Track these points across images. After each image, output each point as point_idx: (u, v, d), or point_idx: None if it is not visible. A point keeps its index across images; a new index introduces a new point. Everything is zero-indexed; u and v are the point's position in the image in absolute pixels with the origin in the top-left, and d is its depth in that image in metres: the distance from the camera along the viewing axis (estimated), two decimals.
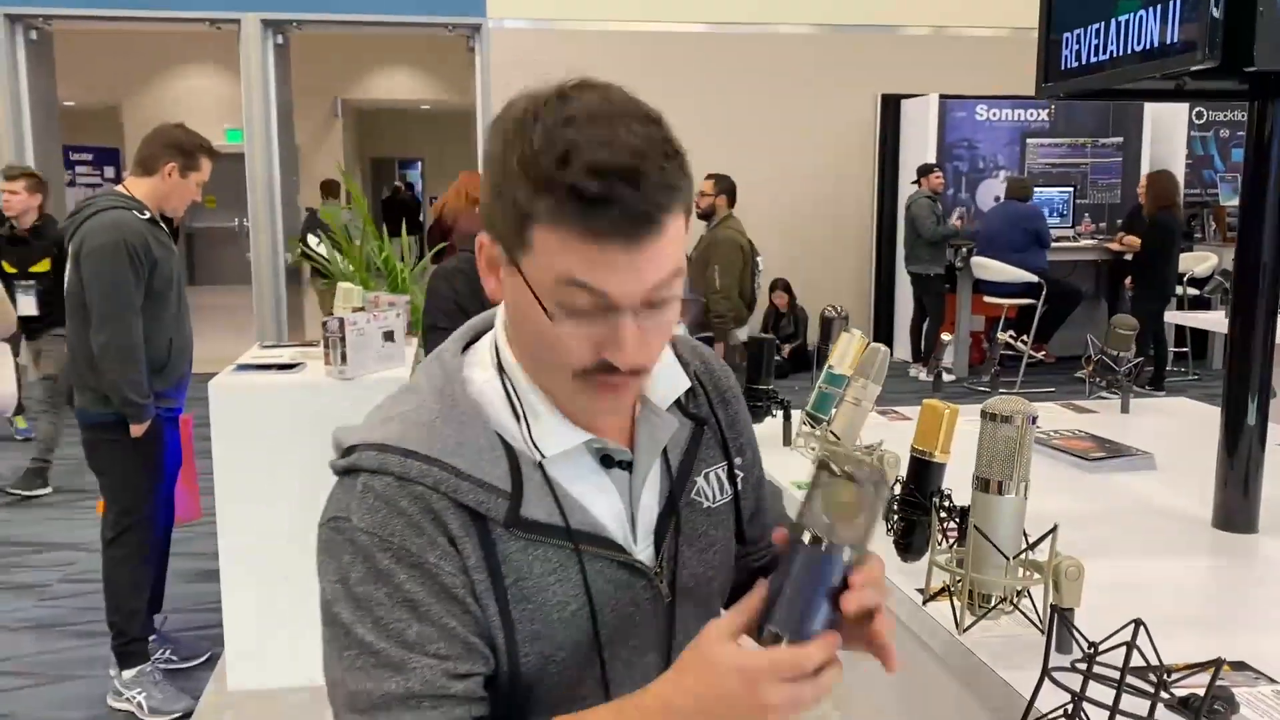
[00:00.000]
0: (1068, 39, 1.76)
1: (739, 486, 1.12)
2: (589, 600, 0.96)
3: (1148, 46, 1.59)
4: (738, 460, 1.12)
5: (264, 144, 8.61)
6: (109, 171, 13.15)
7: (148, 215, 3.17)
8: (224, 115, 12.37)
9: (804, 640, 0.85)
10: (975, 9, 9.18)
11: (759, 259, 7.03)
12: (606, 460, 1.01)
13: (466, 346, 1.03)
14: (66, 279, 3.15)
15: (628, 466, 1.01)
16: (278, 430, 3.28)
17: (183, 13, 8.57)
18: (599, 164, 0.83)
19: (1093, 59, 1.72)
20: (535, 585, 0.95)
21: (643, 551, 1.01)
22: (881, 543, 1.59)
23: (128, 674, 3.25)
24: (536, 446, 0.95)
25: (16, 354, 4.98)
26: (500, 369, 0.99)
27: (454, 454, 0.93)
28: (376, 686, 0.89)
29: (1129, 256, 8.15)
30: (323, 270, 4.53)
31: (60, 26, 8.90)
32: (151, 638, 3.42)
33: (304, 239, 7.36)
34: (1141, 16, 1.60)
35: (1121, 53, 1.65)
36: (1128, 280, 7.95)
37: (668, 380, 1.04)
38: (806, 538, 0.88)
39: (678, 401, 1.07)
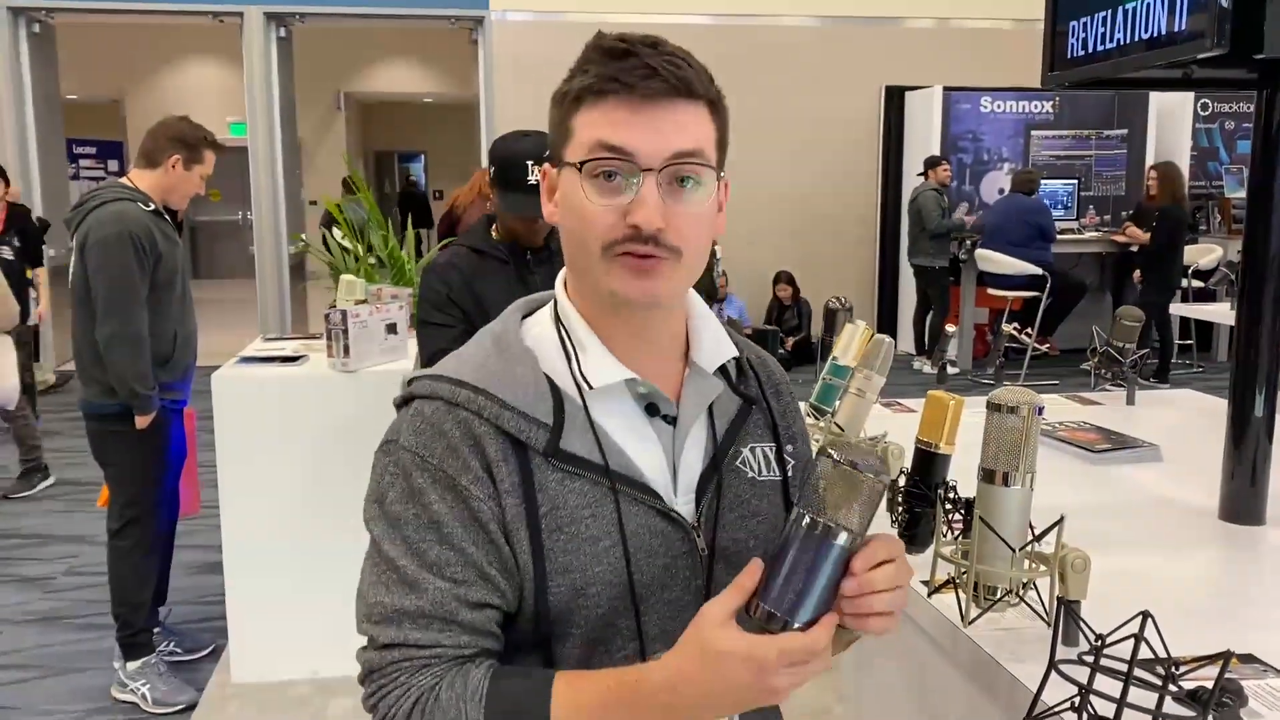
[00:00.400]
0: (1074, 27, 1.75)
1: (789, 472, 1.12)
2: (623, 540, 0.98)
3: (1155, 35, 1.57)
4: (789, 447, 1.13)
5: (267, 137, 8.60)
6: (112, 165, 13.15)
7: (152, 207, 3.18)
8: (227, 108, 12.36)
9: (795, 618, 0.88)
10: (979, 1, 9.14)
11: (717, 249, 6.96)
12: (651, 410, 1.03)
13: (531, 314, 1.09)
14: (71, 271, 3.15)
15: (672, 421, 1.04)
16: (281, 423, 3.28)
17: (185, 6, 8.56)
18: (625, 35, 0.98)
19: (1099, 48, 1.71)
20: (569, 516, 0.97)
21: (682, 505, 1.03)
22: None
23: (132, 665, 3.25)
24: (585, 377, 1.00)
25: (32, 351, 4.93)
26: (557, 320, 1.04)
27: (501, 387, 0.98)
28: (392, 600, 0.95)
29: (1135, 249, 8.13)
30: (333, 266, 4.53)
31: (63, 20, 8.89)
32: (155, 630, 3.42)
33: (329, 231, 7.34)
34: (1149, 5, 1.58)
35: (1128, 41, 1.64)
36: (1136, 273, 7.93)
37: (714, 345, 1.07)
38: (805, 520, 0.90)
39: (729, 381, 1.10)
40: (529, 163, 2.44)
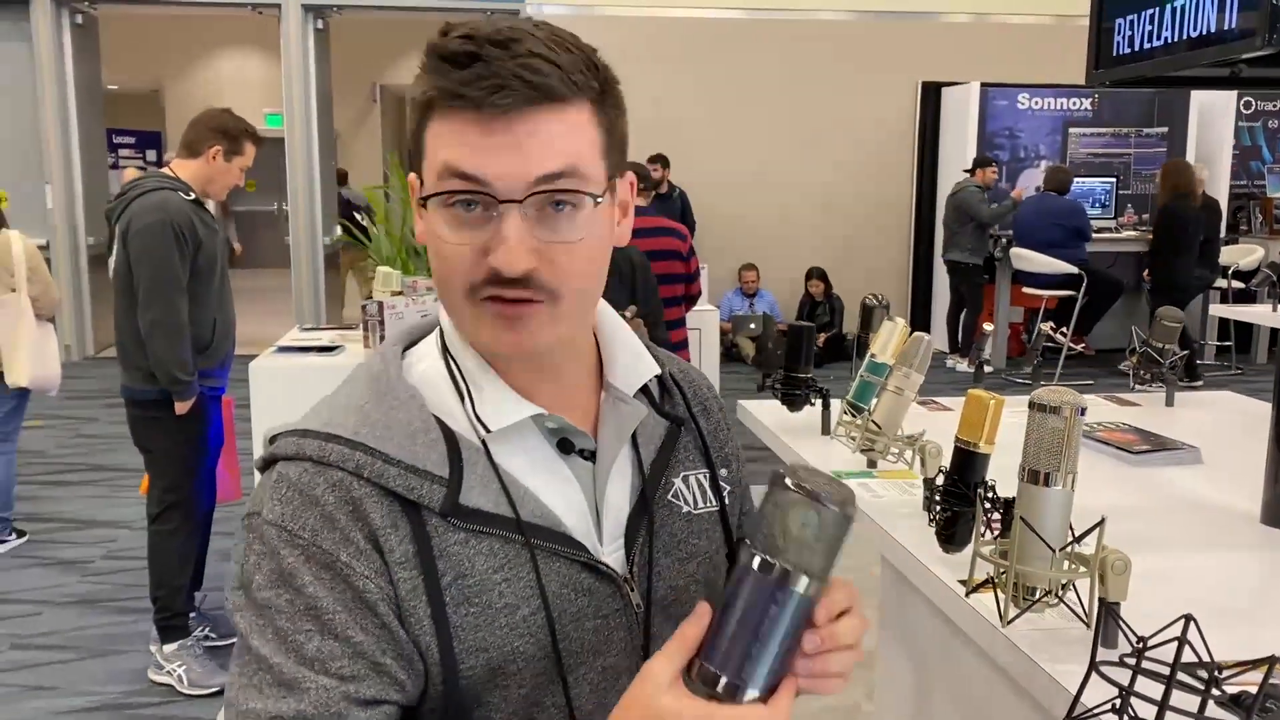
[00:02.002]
0: (1120, 25, 1.73)
1: (726, 500, 1.00)
2: (544, 604, 0.84)
3: (1203, 33, 1.56)
4: (723, 471, 1.01)
5: (304, 128, 8.67)
6: (151, 155, 13.29)
7: (192, 196, 3.22)
8: (264, 99, 12.47)
9: (748, 683, 0.74)
10: None
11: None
12: (565, 446, 0.89)
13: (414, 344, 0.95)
14: (114, 259, 3.20)
15: (590, 457, 0.90)
16: None
17: None
18: (472, 31, 0.80)
19: (1145, 45, 1.69)
20: (478, 584, 0.82)
21: (610, 555, 0.90)
22: (924, 534, 1.58)
23: (169, 647, 3.30)
24: (480, 420, 0.85)
25: None
26: (445, 350, 0.90)
27: (382, 438, 0.82)
28: (265, 706, 0.78)
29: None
30: (362, 244, 4.56)
31: (104, 11, 8.99)
32: (190, 615, 3.47)
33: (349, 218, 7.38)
34: (1197, 2, 1.57)
35: (1176, 39, 1.62)
36: (1145, 273, 7.85)
37: (631, 363, 0.94)
38: (756, 562, 0.74)
39: (652, 401, 0.98)
40: None
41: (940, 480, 1.52)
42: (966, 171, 8.22)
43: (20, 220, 4.58)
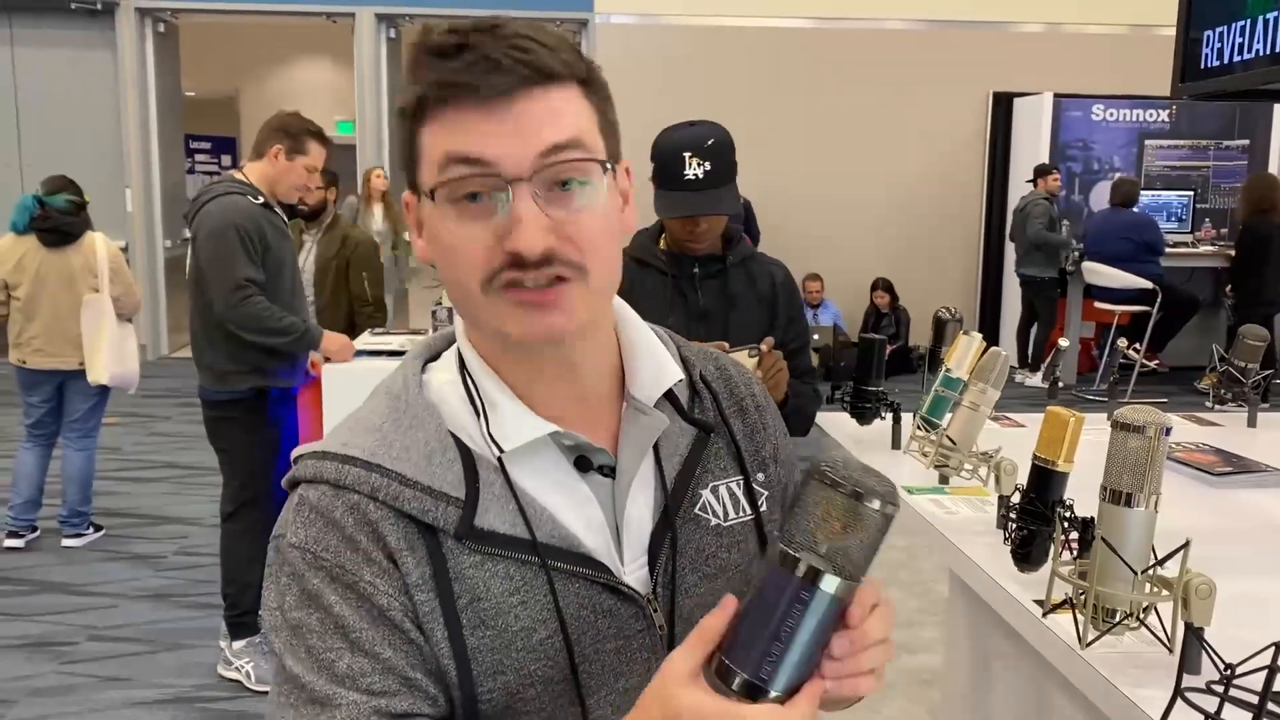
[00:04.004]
0: (1209, 37, 1.69)
1: (762, 507, 0.96)
2: (562, 628, 0.82)
3: None
4: (759, 476, 0.96)
5: (374, 135, 8.82)
6: (226, 160, 13.60)
7: (261, 200, 3.23)
8: (336, 107, 12.69)
9: (769, 683, 0.71)
10: (1090, 6, 8.91)
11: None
12: (583, 464, 0.87)
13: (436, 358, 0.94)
14: (189, 263, 3.27)
15: (610, 473, 0.88)
16: None
17: (300, 6, 8.83)
18: (455, 26, 0.80)
19: (1235, 58, 1.65)
20: (495, 607, 0.81)
21: (632, 574, 0.87)
22: (999, 552, 1.55)
23: (238, 644, 3.37)
24: (494, 440, 0.83)
25: None
26: (462, 367, 0.88)
27: (399, 459, 0.82)
28: None
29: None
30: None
31: (184, 20, 9.23)
32: (260, 612, 3.53)
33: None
34: None
35: (1267, 52, 1.58)
36: (1228, 288, 7.66)
37: (653, 371, 0.91)
38: (783, 558, 0.71)
39: (679, 407, 0.93)
40: (686, 154, 2.09)
41: (1017, 498, 1.50)
42: (1029, 182, 8.09)
43: (101, 223, 4.71)
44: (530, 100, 0.78)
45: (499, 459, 0.83)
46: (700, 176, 2.08)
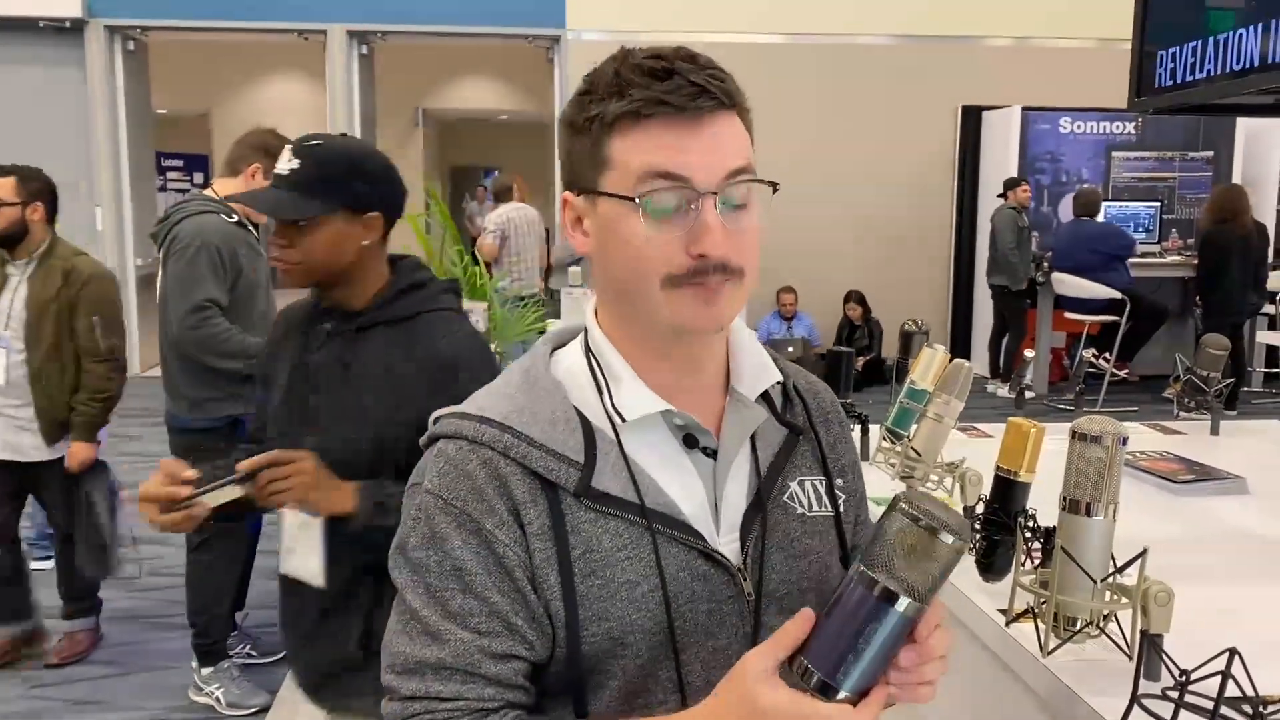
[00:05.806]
0: (1163, 56, 1.73)
1: (840, 506, 1.07)
2: (662, 583, 0.93)
3: (1246, 65, 1.55)
4: (839, 481, 1.07)
5: None
6: (198, 177, 13.54)
7: (235, 219, 3.17)
8: (309, 123, 12.64)
9: (841, 683, 0.81)
10: (1059, 20, 9.02)
11: None
12: (689, 442, 0.98)
13: (563, 345, 1.05)
14: (159, 283, 3.21)
15: (712, 454, 0.99)
16: None
17: (272, 24, 8.80)
18: (656, 51, 0.94)
19: (1188, 77, 1.68)
20: (604, 559, 0.92)
21: (726, 546, 0.97)
22: (964, 562, 1.57)
23: (206, 670, 3.33)
24: (617, 411, 0.95)
25: None
26: (588, 350, 1.00)
27: (528, 424, 0.94)
28: (414, 651, 0.92)
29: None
30: None
31: (154, 37, 9.19)
32: (233, 633, 3.50)
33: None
34: (1240, 35, 1.56)
35: (1219, 71, 1.62)
36: (1196, 298, 7.77)
37: (756, 370, 1.02)
38: (864, 578, 0.82)
39: (774, 410, 1.05)
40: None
41: (980, 508, 1.52)
42: (999, 195, 8.17)
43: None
44: (720, 124, 0.92)
45: (616, 431, 0.95)
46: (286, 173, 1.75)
